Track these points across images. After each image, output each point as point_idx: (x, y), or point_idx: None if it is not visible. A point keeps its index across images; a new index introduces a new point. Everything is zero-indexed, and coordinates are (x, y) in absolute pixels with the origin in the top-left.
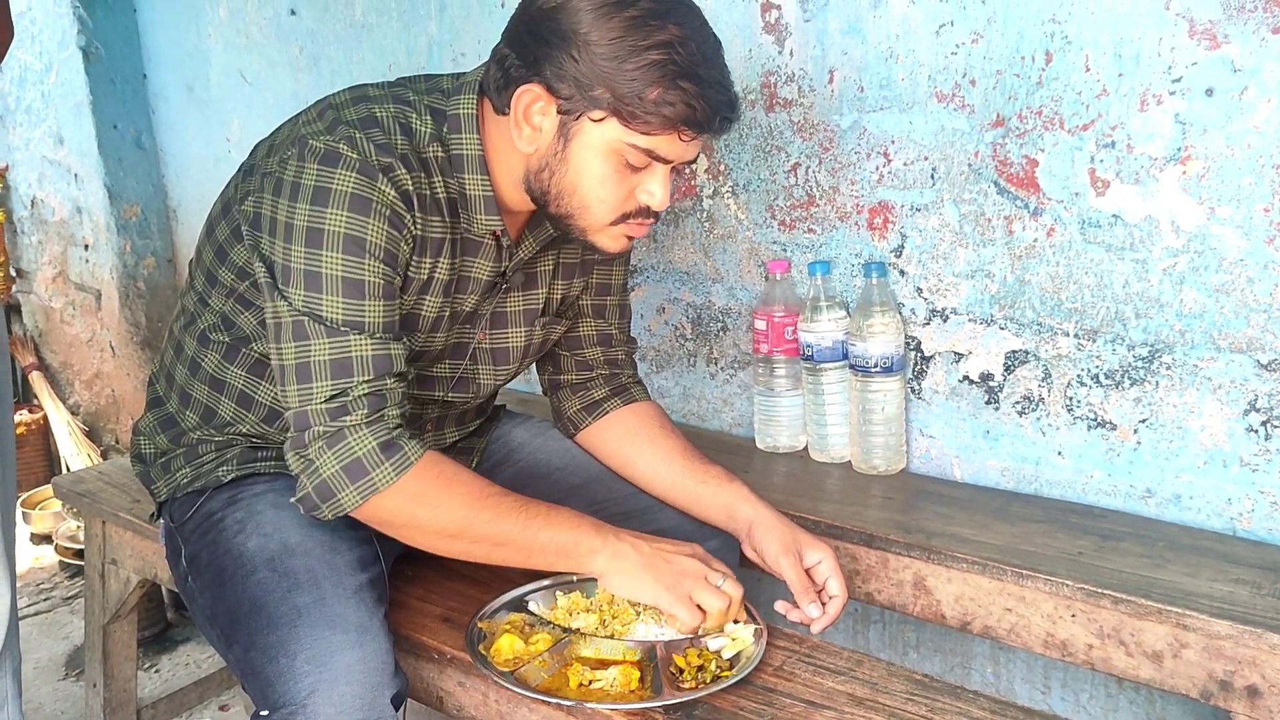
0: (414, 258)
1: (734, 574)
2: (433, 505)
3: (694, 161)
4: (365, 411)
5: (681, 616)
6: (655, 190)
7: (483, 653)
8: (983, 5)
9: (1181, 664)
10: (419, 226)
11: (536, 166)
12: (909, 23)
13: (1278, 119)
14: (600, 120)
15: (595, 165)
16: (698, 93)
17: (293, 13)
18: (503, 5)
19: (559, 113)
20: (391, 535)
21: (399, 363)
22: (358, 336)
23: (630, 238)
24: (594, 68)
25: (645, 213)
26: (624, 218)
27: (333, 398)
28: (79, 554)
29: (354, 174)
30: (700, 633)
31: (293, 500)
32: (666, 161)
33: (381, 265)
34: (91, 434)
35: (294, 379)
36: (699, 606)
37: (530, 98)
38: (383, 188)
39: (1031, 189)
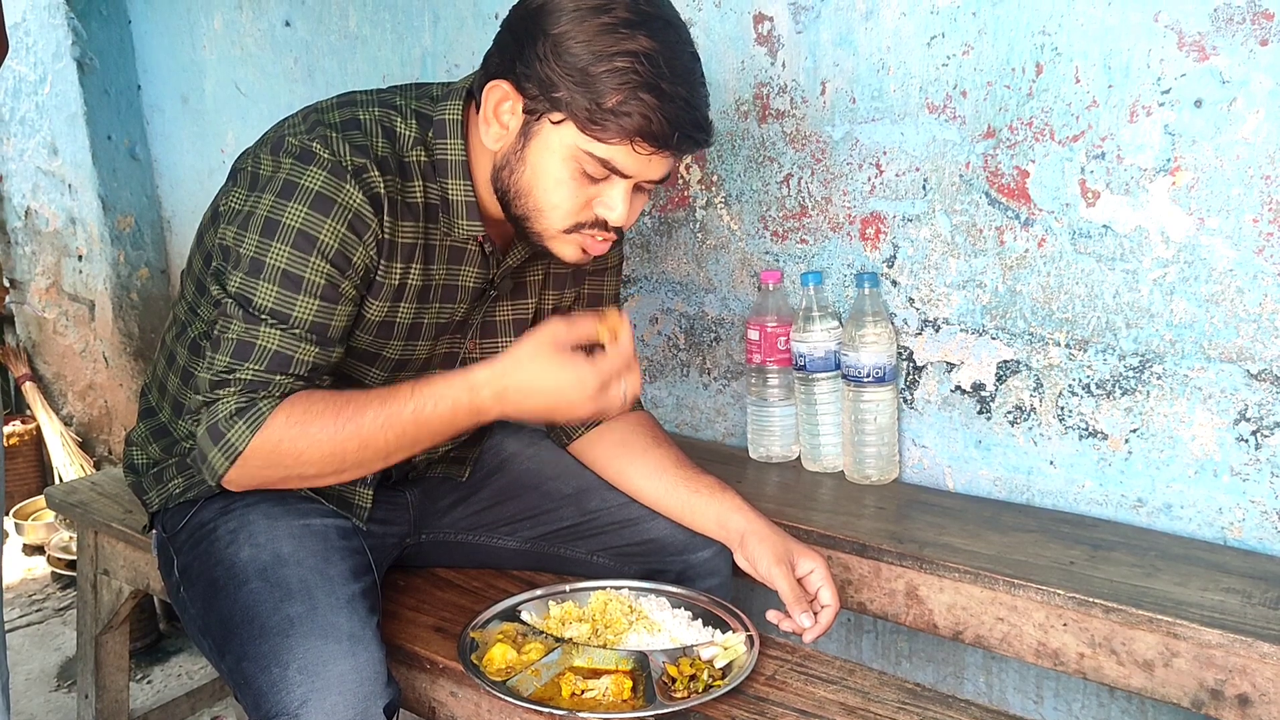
0: (382, 262)
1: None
2: (296, 456)
3: (661, 181)
4: (236, 389)
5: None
6: (613, 204)
7: (475, 662)
8: (973, 17)
9: (1172, 673)
10: (387, 230)
11: (499, 164)
12: (900, 35)
13: (1266, 130)
14: (559, 123)
15: (552, 169)
16: (657, 106)
17: (287, 24)
18: (496, 17)
19: (524, 112)
20: (291, 486)
21: (301, 366)
22: (270, 328)
23: (585, 250)
24: (559, 69)
25: (603, 226)
26: (579, 227)
27: (219, 373)
28: (71, 565)
29: (323, 173)
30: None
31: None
32: (625, 176)
33: (328, 266)
34: (84, 445)
35: (209, 350)
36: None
37: (499, 94)
38: (349, 189)
39: (1022, 200)
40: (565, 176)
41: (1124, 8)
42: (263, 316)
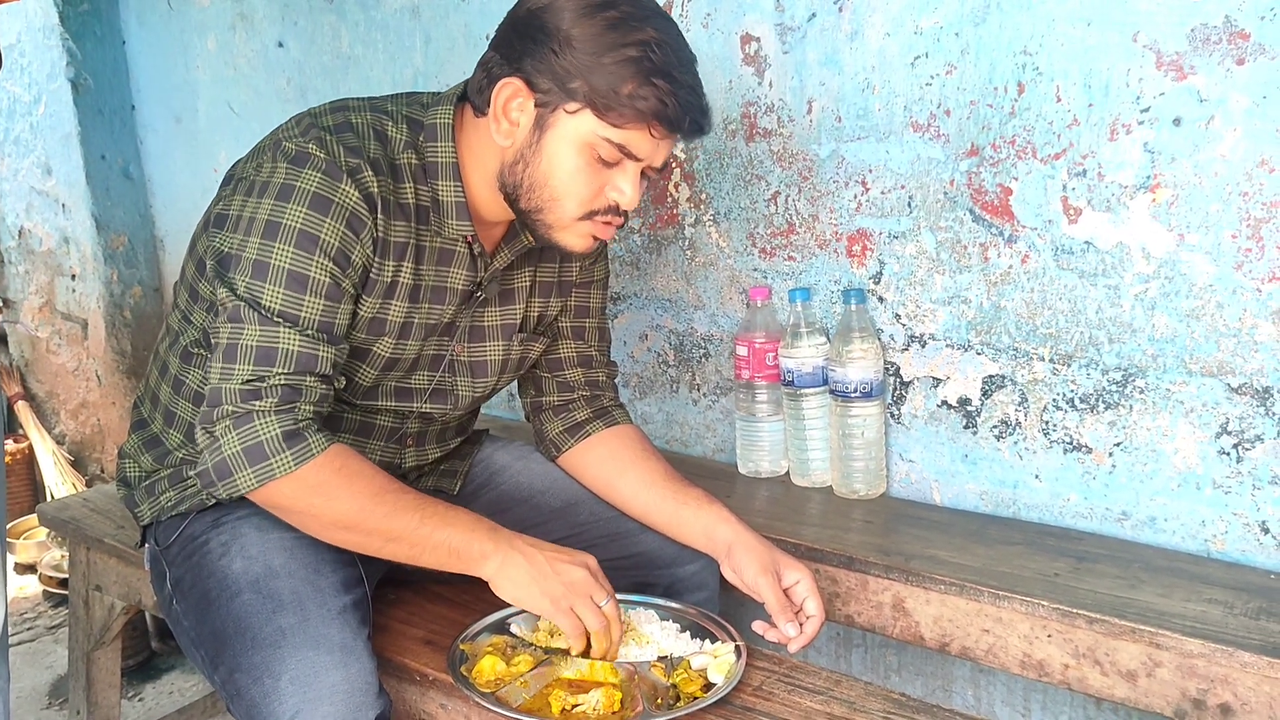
0: (376, 259)
1: (614, 594)
2: (328, 496)
3: (663, 168)
4: (276, 400)
5: (563, 627)
6: (625, 188)
7: (465, 674)
8: (956, 37)
9: (1155, 683)
10: (381, 229)
11: (511, 160)
12: (885, 54)
13: (1243, 147)
14: (575, 112)
15: (568, 157)
16: (670, 90)
17: (280, 45)
18: (486, 37)
19: (536, 106)
20: (287, 521)
21: (324, 365)
22: (288, 329)
23: (596, 238)
24: (573, 61)
25: (614, 211)
26: (591, 215)
27: (248, 381)
28: (63, 584)
29: (319, 174)
30: (591, 656)
31: (190, 474)
32: (637, 159)
33: (331, 264)
34: (77, 463)
35: (220, 358)
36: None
37: (510, 92)
38: (346, 189)
39: (1006, 216)
40: (581, 164)
41: (1103, 28)
42: (275, 319)
